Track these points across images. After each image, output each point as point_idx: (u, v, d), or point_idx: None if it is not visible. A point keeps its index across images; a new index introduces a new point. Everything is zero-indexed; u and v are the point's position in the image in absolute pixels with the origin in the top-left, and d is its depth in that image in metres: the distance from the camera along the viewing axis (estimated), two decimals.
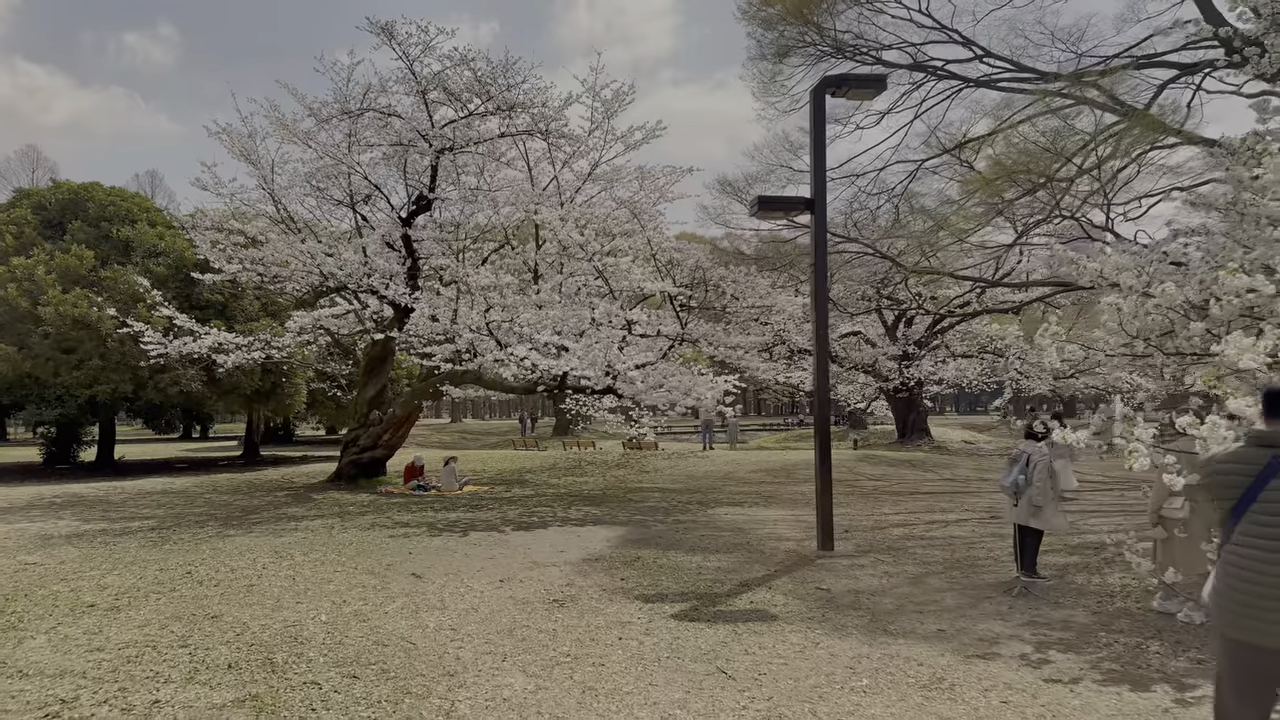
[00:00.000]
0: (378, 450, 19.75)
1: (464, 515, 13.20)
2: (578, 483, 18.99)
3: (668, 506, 14.22)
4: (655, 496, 15.85)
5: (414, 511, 13.73)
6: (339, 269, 16.91)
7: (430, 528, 11.85)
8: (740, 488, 17.32)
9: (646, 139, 18.08)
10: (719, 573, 8.75)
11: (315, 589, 7.95)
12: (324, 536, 11.21)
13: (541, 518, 12.96)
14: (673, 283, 14.98)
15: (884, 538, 11.02)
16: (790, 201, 9.84)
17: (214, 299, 25.03)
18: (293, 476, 22.52)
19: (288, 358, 21.88)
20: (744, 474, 20.24)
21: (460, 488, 17.54)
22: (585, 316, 13.96)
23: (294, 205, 19.09)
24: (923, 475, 19.83)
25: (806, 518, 12.81)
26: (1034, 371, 35.94)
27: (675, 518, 12.88)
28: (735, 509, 13.93)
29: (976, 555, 9.77)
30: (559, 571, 8.79)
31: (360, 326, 19.97)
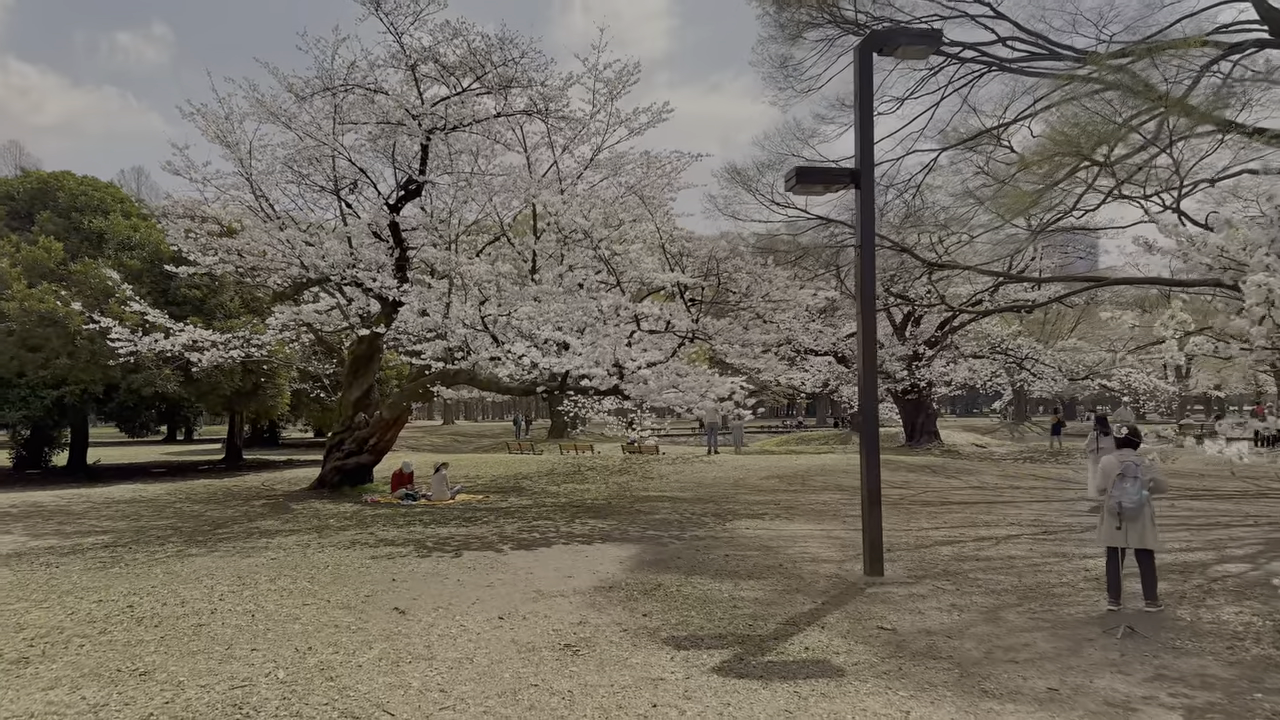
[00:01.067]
0: (363, 455, 18.39)
1: (456, 530, 11.84)
2: (579, 491, 17.65)
3: (681, 519, 12.90)
4: (665, 507, 14.52)
5: (401, 526, 12.37)
6: (321, 259, 15.54)
7: (418, 546, 10.49)
8: (756, 497, 16.00)
9: (652, 122, 16.78)
10: (757, 606, 7.43)
11: (277, 629, 6.59)
12: (297, 557, 9.85)
13: (543, 533, 11.62)
14: (684, 274, 13.66)
15: (934, 559, 9.72)
16: (834, 174, 8.55)
17: (191, 294, 23.62)
18: (274, 483, 21.13)
19: (268, 356, 20.48)
20: (756, 481, 18.93)
21: (451, 497, 16.18)
22: (591, 308, 12.63)
23: (274, 192, 17.74)
24: (947, 483, 18.55)
25: (838, 533, 11.51)
26: (1047, 372, 34.83)
27: (692, 533, 11.56)
28: (756, 522, 12.62)
29: (1048, 582, 8.47)
30: (568, 604, 7.46)
31: (345, 323, 18.61)
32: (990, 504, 14.94)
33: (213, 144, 16.80)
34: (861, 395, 8.76)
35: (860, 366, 8.72)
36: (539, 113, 16.27)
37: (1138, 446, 7.84)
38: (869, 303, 8.62)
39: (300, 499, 17.07)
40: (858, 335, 8.77)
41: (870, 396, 8.76)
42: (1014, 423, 65.31)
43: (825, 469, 21.15)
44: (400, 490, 16.40)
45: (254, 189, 16.72)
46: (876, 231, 24.34)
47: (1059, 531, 11.76)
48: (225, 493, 18.81)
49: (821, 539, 11.09)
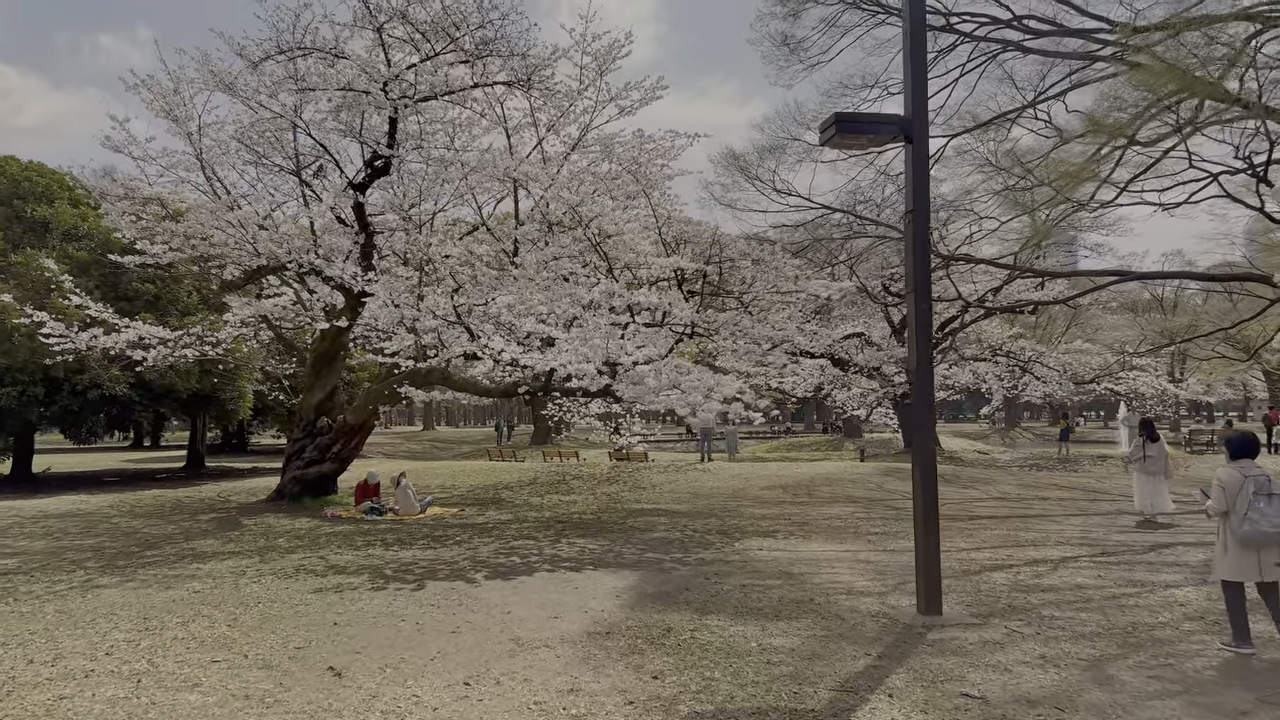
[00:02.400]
0: (325, 464, 16.64)
1: (422, 554, 10.15)
2: (564, 503, 15.99)
3: (683, 539, 11.27)
4: (662, 523, 12.89)
5: (358, 547, 10.67)
6: (276, 245, 13.81)
7: (374, 575, 8.81)
8: (761, 510, 14.40)
9: (645, 100, 15.17)
10: (796, 660, 5.81)
11: (165, 702, 4.92)
12: (226, 589, 8.15)
13: (524, 556, 9.96)
14: (683, 259, 12.05)
15: (991, 590, 8.14)
16: (880, 122, 6.99)
17: (144, 289, 21.83)
18: (231, 493, 19.33)
19: (224, 355, 18.70)
20: (757, 491, 17.33)
21: (421, 510, 14.48)
22: (579, 296, 11.01)
23: (230, 175, 16.01)
24: (966, 493, 17.02)
25: (866, 556, 9.93)
26: (1052, 376, 33.49)
27: (697, 555, 9.93)
28: (769, 542, 11.01)
29: (1143, 622, 6.91)
30: (555, 660, 5.81)
31: (306, 317, 16.89)
32: (1023, 518, 13.42)
33: (160, 119, 15.13)
34: (915, 396, 7.19)
35: (914, 361, 7.14)
36: (520, 84, 14.66)
37: (1256, 454, 6.30)
38: (923, 283, 7.05)
39: (254, 512, 15.32)
40: (910, 324, 7.19)
41: (925, 397, 7.18)
42: (1006, 428, 64.20)
43: (830, 478, 19.59)
44: (365, 503, 14.68)
45: (204, 168, 14.98)
46: (882, 222, 22.84)
47: (1118, 552, 10.23)
48: (174, 505, 17.01)
49: (849, 563, 9.50)
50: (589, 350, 10.64)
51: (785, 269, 13.05)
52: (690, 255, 13.06)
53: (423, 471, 23.91)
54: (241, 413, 24.27)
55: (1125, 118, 13.71)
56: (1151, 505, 13.04)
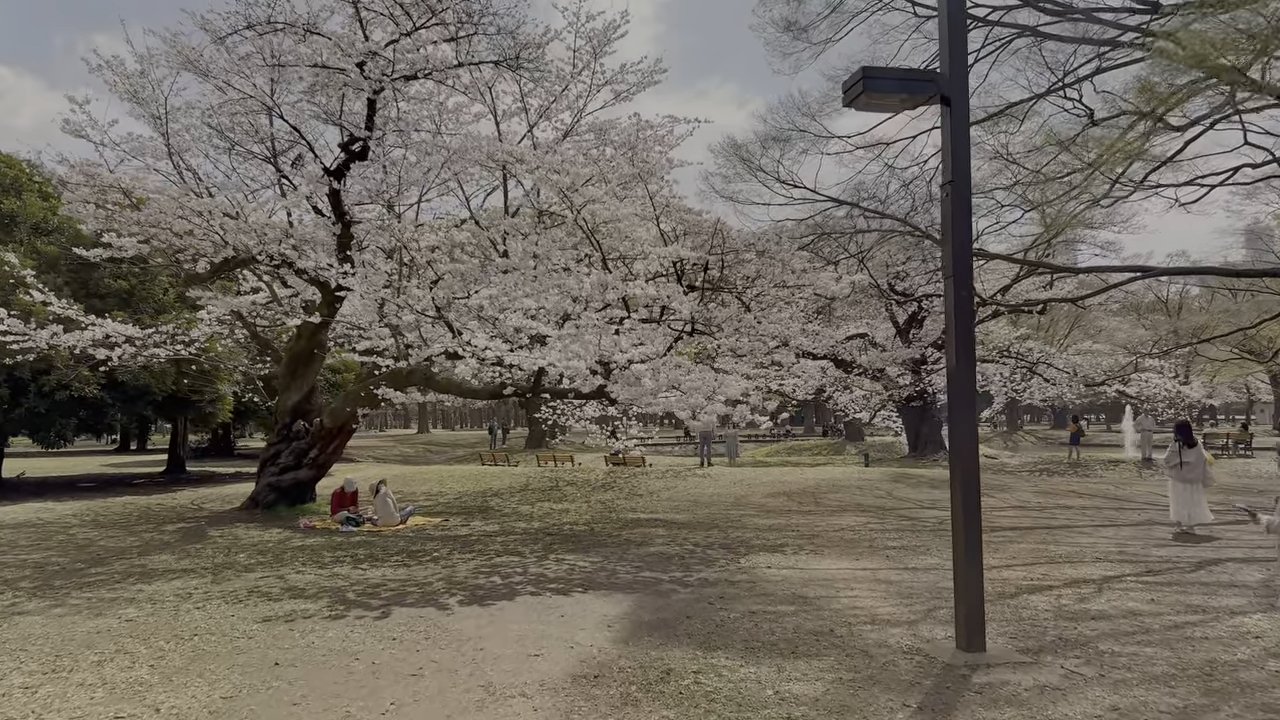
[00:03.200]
0: (302, 471, 15.64)
1: (394, 573, 9.15)
2: (556, 512, 14.99)
3: (683, 554, 10.27)
4: (660, 535, 11.90)
5: (324, 565, 9.67)
6: (245, 235, 12.81)
7: (334, 599, 7.81)
8: (766, 520, 13.42)
9: (642, 84, 14.25)
10: (822, 714, 4.82)
11: None
12: (165, 616, 7.15)
13: (506, 576, 8.96)
14: (684, 249, 11.06)
15: (1033, 617, 7.16)
16: (915, 80, 6.03)
17: (117, 285, 20.80)
18: (206, 500, 18.33)
19: (197, 355, 17.69)
20: (760, 499, 16.35)
21: (402, 521, 13.48)
22: (569, 288, 10.01)
23: (204, 165, 15.05)
24: (984, 501, 15.99)
25: (886, 575, 8.94)
26: (1061, 378, 32.54)
27: (700, 575, 8.94)
28: (777, 558, 10.02)
29: (1219, 659, 5.93)
30: (533, 713, 4.82)
31: (282, 312, 15.91)
32: (1049, 529, 12.44)
33: (125, 102, 14.15)
34: (955, 396, 6.20)
35: (953, 359, 6.16)
36: (509, 63, 13.69)
37: None
38: (963, 266, 6.07)
39: (224, 522, 14.32)
40: (948, 315, 6.21)
41: (966, 398, 6.20)
42: (1007, 431, 63.24)
43: (836, 484, 18.61)
44: (341, 513, 13.68)
45: (172, 154, 13.98)
46: (891, 215, 21.82)
47: (1164, 570, 9.25)
48: (142, 513, 16.00)
49: (868, 584, 8.51)
50: (580, 348, 9.66)
51: (792, 262, 12.08)
52: (691, 247, 12.08)
53: (410, 477, 22.91)
54: (221, 415, 23.24)
55: (1181, 84, 12.71)
56: (1189, 516, 12.07)
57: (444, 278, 10.65)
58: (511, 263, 10.14)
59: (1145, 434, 29.81)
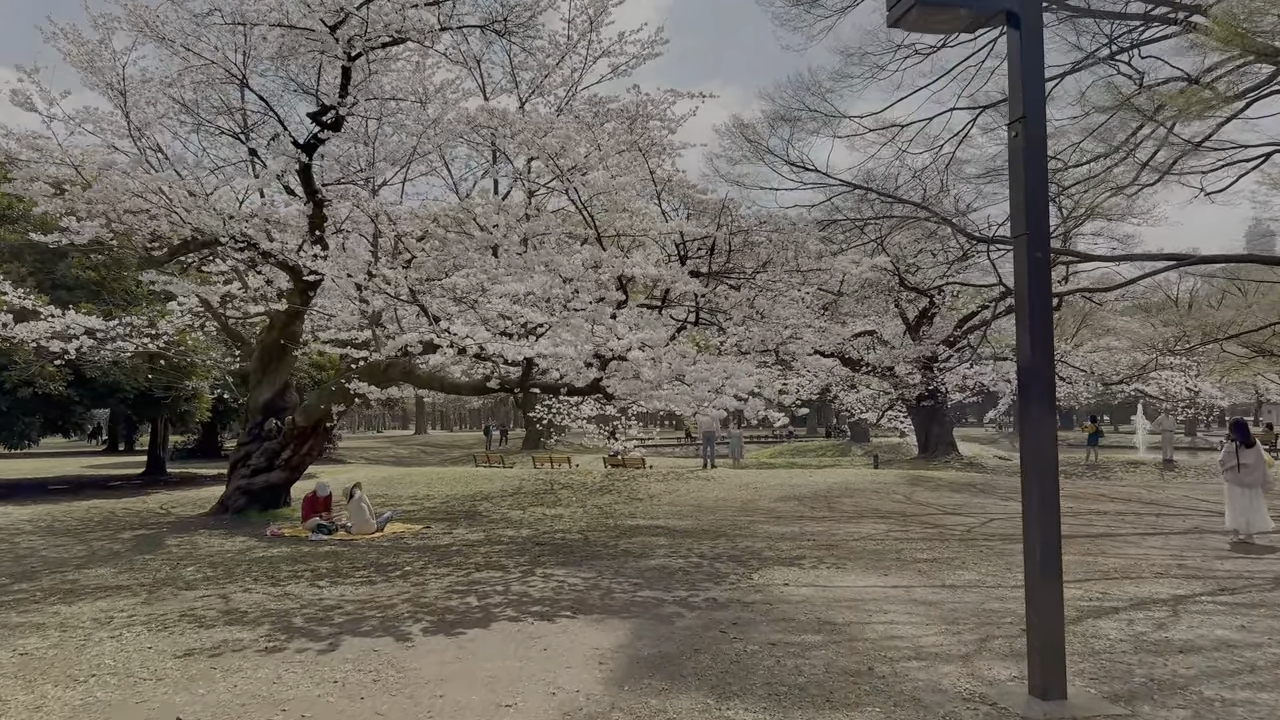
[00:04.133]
0: (274, 473, 14.48)
1: (354, 591, 7.96)
2: (548, 518, 13.82)
3: (688, 568, 9.08)
4: (661, 545, 10.72)
5: (279, 581, 8.49)
6: (208, 214, 11.62)
7: (276, 625, 6.62)
8: (778, 528, 12.24)
9: (642, 57, 13.08)
10: None
11: None
12: (69, 649, 5.98)
13: (484, 595, 7.77)
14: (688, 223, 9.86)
15: (1107, 648, 5.99)
16: None
17: (86, 276, 19.63)
18: (177, 504, 17.14)
19: (165, 348, 16.52)
20: (769, 504, 15.18)
21: (379, 528, 12.30)
22: (560, 265, 8.82)
23: (168, 141, 13.88)
24: (1010, 507, 14.86)
25: (921, 593, 7.76)
26: (1078, 376, 31.35)
27: (708, 594, 7.76)
28: (795, 573, 8.83)
29: None
30: None
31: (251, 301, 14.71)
32: (1091, 538, 11.26)
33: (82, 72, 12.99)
34: (1031, 390, 5.01)
35: (1027, 349, 4.98)
36: (496, 26, 12.57)
37: None
38: (1039, 223, 4.89)
39: (187, 529, 13.16)
40: (1019, 282, 5.01)
41: (1044, 391, 5.01)
42: (1013, 432, 61.99)
43: (849, 488, 17.43)
44: (312, 520, 12.51)
45: (132, 128, 12.80)
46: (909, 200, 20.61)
47: (1238, 588, 8.07)
48: (103, 519, 14.83)
49: (904, 605, 7.33)
50: (570, 334, 8.49)
51: (808, 244, 10.90)
52: (703, 222, 10.87)
53: (398, 479, 21.74)
54: (200, 414, 22.05)
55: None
56: (1247, 523, 10.88)
57: (418, 256, 9.46)
58: (493, 238, 8.96)
59: (1166, 434, 28.62)
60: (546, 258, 8.79)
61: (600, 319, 8.54)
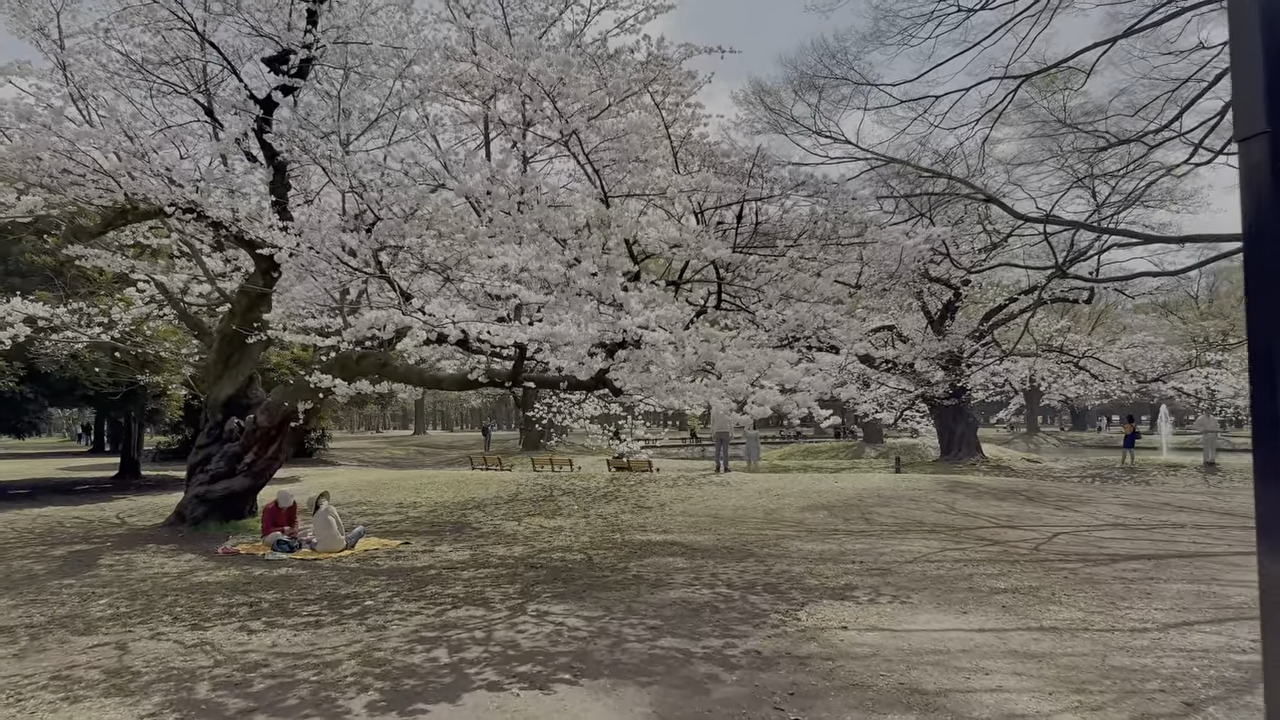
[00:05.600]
0: (236, 479, 12.78)
1: (291, 638, 6.23)
2: (546, 531, 12.10)
3: (716, 602, 7.35)
4: (680, 568, 8.99)
5: (205, 620, 6.76)
6: (147, 174, 9.90)
7: (169, 697, 4.90)
8: (812, 545, 10.51)
9: (652, 9, 11.37)
10: None
11: None
12: None
13: (456, 646, 6.04)
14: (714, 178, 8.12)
15: None
16: None
17: (42, 262, 17.95)
18: (136, 513, 15.45)
19: (121, 339, 14.83)
20: (795, 514, 13.47)
21: (349, 546, 10.58)
22: (560, 223, 7.10)
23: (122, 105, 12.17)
24: (1067, 518, 13.13)
25: (1020, 639, 6.02)
26: (1111, 374, 29.59)
27: (748, 643, 6.02)
28: (849, 607, 7.10)
29: None
30: None
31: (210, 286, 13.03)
32: (1185, 558, 9.51)
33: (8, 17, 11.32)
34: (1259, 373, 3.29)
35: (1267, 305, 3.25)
36: None
37: None
38: None
39: (133, 543, 11.48)
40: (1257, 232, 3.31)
41: None
42: (1027, 433, 60.28)
43: (880, 495, 15.68)
44: (273, 534, 10.79)
45: (70, 84, 11.07)
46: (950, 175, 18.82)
47: None
48: (46, 531, 13.15)
49: (1003, 658, 5.60)
50: (572, 311, 6.79)
51: (851, 211, 9.18)
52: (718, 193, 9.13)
53: (386, 484, 20.03)
54: (170, 412, 20.35)
55: None
56: None
57: (384, 213, 7.73)
58: (471, 186, 7.22)
59: (1208, 435, 26.83)
60: (541, 215, 7.06)
61: (608, 290, 6.82)
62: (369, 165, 8.60)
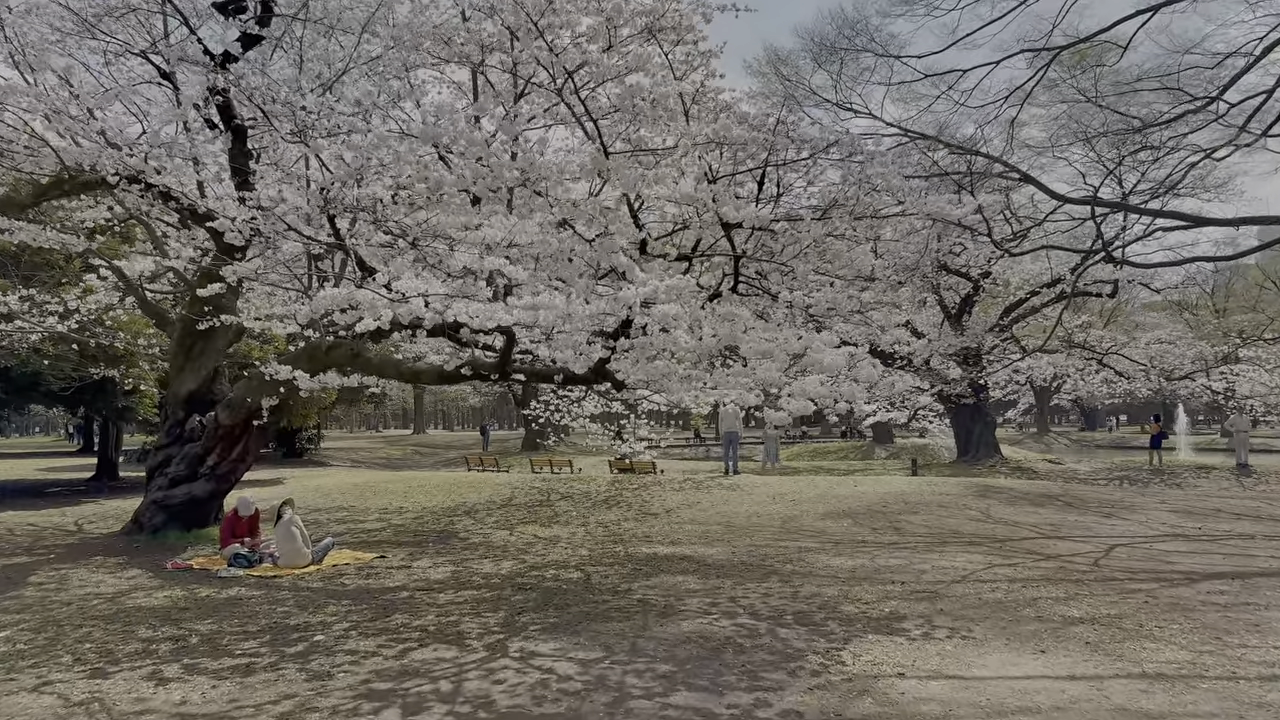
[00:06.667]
0: (197, 484, 11.55)
1: (209, 692, 4.97)
2: (541, 541, 10.85)
3: (739, 637, 6.09)
4: (693, 589, 7.74)
5: (111, 665, 5.52)
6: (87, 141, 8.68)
7: None
8: (841, 559, 9.25)
9: None
10: None
11: None
12: None
13: (414, 707, 4.78)
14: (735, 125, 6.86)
15: None
16: None
17: (3, 245, 16.75)
18: (98, 519, 14.22)
19: (79, 330, 13.60)
20: (815, 521, 12.21)
21: (316, 561, 9.34)
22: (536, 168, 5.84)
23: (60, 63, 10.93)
24: (1118, 527, 11.85)
25: (1120, 691, 4.76)
26: (1138, 371, 28.29)
27: (785, 703, 4.77)
28: (902, 646, 5.85)
29: None
30: None
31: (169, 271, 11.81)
32: (1270, 576, 8.25)
33: None
34: None
35: None
36: None
37: None
38: None
39: (77, 555, 10.28)
40: None
41: None
42: (1037, 433, 58.89)
43: (906, 501, 14.39)
44: (231, 547, 9.55)
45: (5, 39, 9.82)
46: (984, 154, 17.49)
47: None
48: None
49: (1103, 715, 4.35)
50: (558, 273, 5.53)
51: (890, 177, 7.93)
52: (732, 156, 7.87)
53: (373, 487, 18.80)
54: (143, 409, 19.09)
55: None
56: None
57: (339, 164, 6.47)
58: (438, 132, 5.94)
59: (1240, 435, 25.52)
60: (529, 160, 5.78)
61: (606, 256, 5.56)
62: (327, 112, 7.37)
